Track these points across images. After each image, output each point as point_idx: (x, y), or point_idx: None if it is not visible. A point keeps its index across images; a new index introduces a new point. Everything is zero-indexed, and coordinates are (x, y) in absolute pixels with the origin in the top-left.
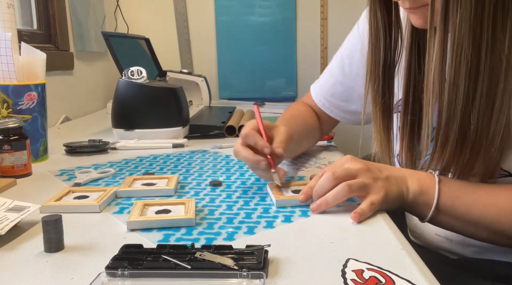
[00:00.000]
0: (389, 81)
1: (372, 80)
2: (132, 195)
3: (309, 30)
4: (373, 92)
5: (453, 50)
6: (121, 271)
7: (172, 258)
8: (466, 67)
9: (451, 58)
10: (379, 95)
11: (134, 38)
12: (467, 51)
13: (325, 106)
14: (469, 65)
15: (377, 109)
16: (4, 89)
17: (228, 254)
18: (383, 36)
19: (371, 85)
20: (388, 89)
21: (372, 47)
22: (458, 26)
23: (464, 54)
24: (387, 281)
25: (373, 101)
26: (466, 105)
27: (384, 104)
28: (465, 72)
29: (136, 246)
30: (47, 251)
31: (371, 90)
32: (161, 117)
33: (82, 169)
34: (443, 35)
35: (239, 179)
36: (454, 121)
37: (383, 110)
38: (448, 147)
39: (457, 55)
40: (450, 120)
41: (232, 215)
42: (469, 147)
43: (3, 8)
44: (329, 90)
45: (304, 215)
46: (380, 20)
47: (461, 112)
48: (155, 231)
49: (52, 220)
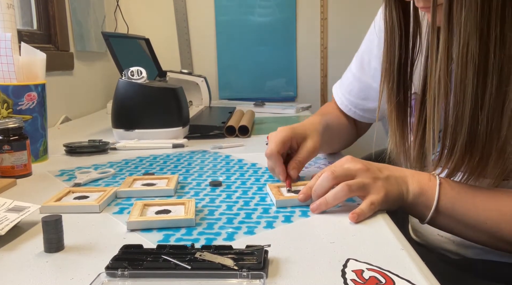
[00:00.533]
0: (403, 79)
1: (387, 78)
2: (132, 195)
3: (309, 30)
4: (388, 90)
5: (459, 49)
6: (121, 272)
7: (172, 259)
8: (474, 66)
9: (457, 57)
10: (393, 94)
11: (134, 38)
12: (474, 50)
13: (343, 104)
14: (476, 64)
15: (392, 108)
16: (4, 89)
17: (228, 254)
18: (398, 34)
19: (386, 83)
20: (403, 88)
21: (387, 45)
22: (464, 24)
23: (471, 53)
24: (387, 281)
25: (388, 99)
26: (475, 107)
27: (399, 103)
28: (472, 72)
29: (136, 246)
30: (47, 251)
31: (386, 88)
32: (161, 117)
33: (82, 169)
34: (447, 34)
35: (239, 179)
36: (463, 123)
37: (397, 109)
38: (457, 150)
39: (464, 54)
40: (459, 122)
41: (232, 215)
42: (479, 149)
43: (3, 8)
44: (347, 87)
45: (304, 215)
46: (395, 18)
47: (469, 114)
48: (155, 231)
49: (52, 220)
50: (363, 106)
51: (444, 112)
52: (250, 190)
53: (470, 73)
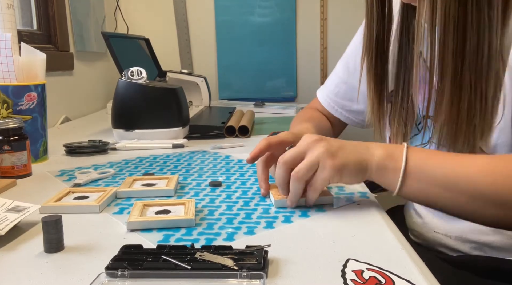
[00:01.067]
0: (381, 53)
1: (367, 52)
2: (132, 195)
3: (309, 30)
4: (368, 63)
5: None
6: (121, 272)
7: (172, 259)
8: (454, 23)
9: (440, 16)
10: (372, 66)
11: (134, 38)
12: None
13: (330, 106)
14: (456, 22)
15: (371, 78)
16: (4, 89)
17: (228, 254)
18: (376, 12)
19: (366, 56)
20: (381, 60)
21: (367, 22)
22: None
23: (452, 11)
24: (387, 281)
25: (368, 71)
26: (456, 60)
27: (376, 74)
28: (453, 29)
29: (135, 246)
30: (47, 252)
31: (366, 61)
32: (161, 117)
33: (82, 170)
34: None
35: (239, 180)
36: (446, 76)
37: (375, 80)
38: (444, 105)
39: (445, 15)
40: (444, 76)
41: (232, 215)
42: (465, 103)
43: (3, 9)
44: (334, 90)
45: (304, 215)
46: None
47: (452, 68)
48: (155, 231)
49: (52, 220)
50: (349, 107)
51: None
52: (250, 191)
53: (450, 29)
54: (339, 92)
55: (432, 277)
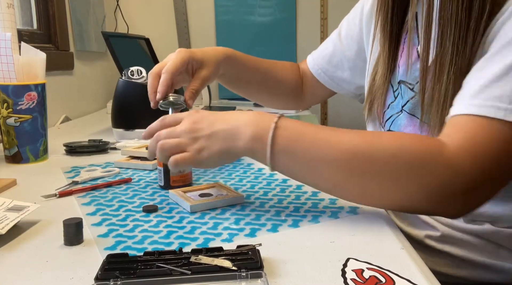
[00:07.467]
0: (397, 12)
1: (382, 9)
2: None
3: (309, 30)
4: (382, 20)
5: None
6: (114, 282)
7: (165, 265)
8: None
9: None
10: (387, 24)
11: (134, 38)
12: None
13: (313, 67)
14: None
15: (385, 38)
16: (4, 89)
17: (221, 256)
18: None
19: (381, 13)
20: (397, 18)
21: None
22: None
23: None
24: (387, 281)
25: (383, 29)
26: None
27: (391, 34)
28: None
29: (121, 255)
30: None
31: (381, 18)
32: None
33: (92, 167)
34: None
35: (237, 178)
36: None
37: (390, 40)
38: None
39: None
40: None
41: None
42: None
43: (3, 8)
44: (321, 53)
45: (304, 215)
46: None
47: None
48: (133, 242)
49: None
50: (332, 72)
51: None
52: (249, 191)
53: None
54: (326, 56)
55: (432, 277)
